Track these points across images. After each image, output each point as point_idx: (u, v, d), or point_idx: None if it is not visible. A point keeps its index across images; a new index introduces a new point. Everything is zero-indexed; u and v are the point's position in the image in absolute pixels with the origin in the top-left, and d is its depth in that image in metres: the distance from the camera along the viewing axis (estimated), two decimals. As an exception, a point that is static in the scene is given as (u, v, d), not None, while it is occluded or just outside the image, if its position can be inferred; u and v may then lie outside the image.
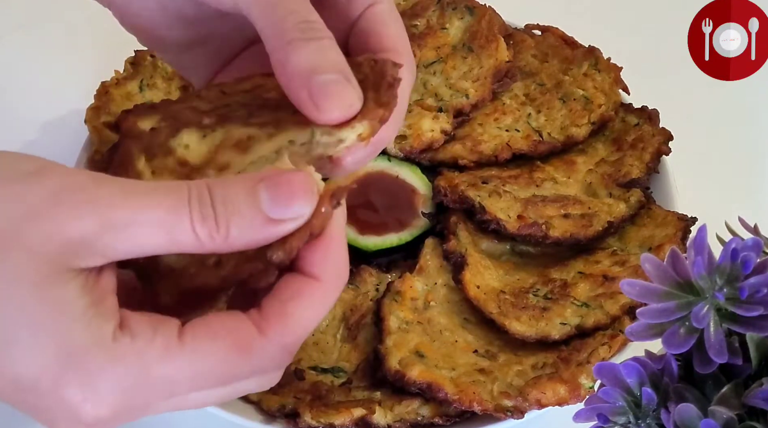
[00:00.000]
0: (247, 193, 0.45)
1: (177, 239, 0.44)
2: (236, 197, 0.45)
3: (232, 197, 0.45)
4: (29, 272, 0.43)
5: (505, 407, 0.70)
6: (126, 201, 0.44)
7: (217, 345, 0.46)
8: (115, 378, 0.44)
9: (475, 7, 0.96)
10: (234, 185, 0.45)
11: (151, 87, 0.91)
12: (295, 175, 0.46)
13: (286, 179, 0.46)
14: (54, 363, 0.44)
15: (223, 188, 0.45)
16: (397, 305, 0.77)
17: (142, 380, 0.45)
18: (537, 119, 0.91)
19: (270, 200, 0.45)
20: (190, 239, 0.44)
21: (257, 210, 0.45)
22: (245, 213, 0.45)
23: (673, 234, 0.81)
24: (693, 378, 0.45)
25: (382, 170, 0.88)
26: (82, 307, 0.44)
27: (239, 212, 0.45)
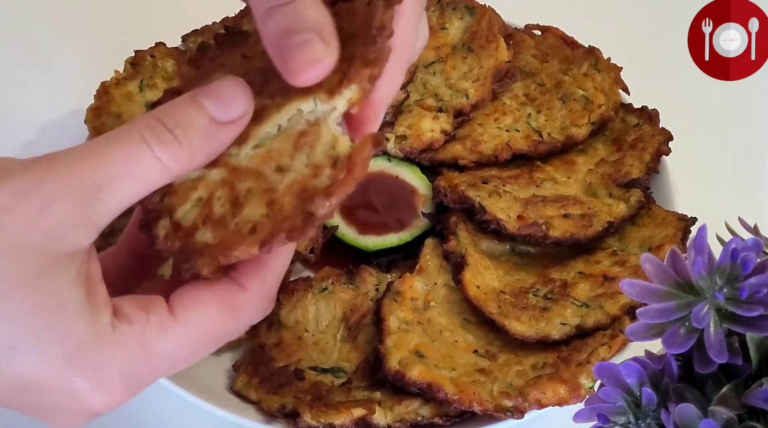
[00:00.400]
0: (192, 107, 0.47)
1: (147, 176, 0.46)
2: (185, 114, 0.47)
3: (180, 115, 0.47)
4: (20, 270, 0.43)
5: (505, 407, 0.70)
6: (86, 166, 0.45)
7: (206, 310, 0.49)
8: (120, 367, 0.46)
9: (475, 7, 0.96)
10: (178, 106, 0.48)
11: (151, 87, 0.91)
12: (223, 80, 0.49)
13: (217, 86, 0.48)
14: (60, 362, 0.44)
15: (171, 111, 0.47)
16: (397, 306, 0.77)
17: (146, 361, 0.47)
18: (537, 119, 0.91)
19: (214, 105, 0.48)
20: (158, 169, 0.46)
21: (208, 118, 0.47)
22: (199, 124, 0.47)
23: (673, 234, 0.81)
24: (693, 378, 0.45)
25: (382, 170, 0.88)
26: (78, 301, 0.45)
27: (193, 125, 0.47)
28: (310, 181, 0.47)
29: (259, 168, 0.49)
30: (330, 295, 0.80)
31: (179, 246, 0.49)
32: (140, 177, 0.46)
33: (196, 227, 0.49)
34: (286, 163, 0.48)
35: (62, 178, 0.45)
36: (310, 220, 0.47)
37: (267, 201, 0.48)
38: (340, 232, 0.85)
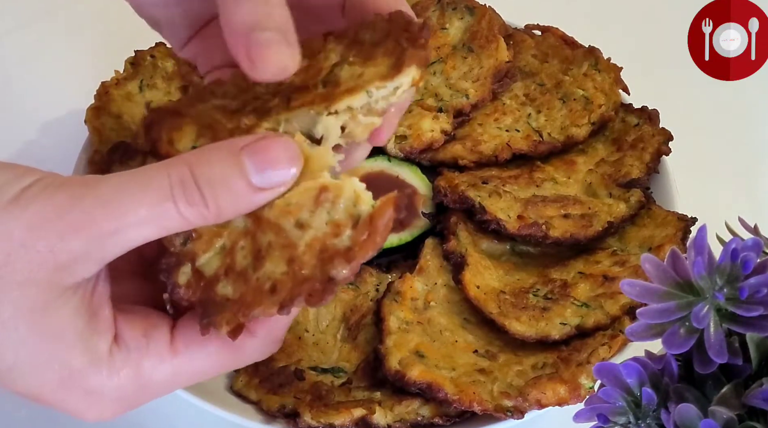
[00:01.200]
0: (231, 165, 0.45)
1: (166, 226, 0.45)
2: (221, 172, 0.45)
3: (217, 173, 0.45)
4: (25, 302, 0.45)
5: (505, 407, 0.70)
6: (107, 211, 0.44)
7: (208, 349, 0.49)
8: (114, 392, 0.47)
9: (475, 7, 0.96)
10: (216, 159, 0.45)
11: (151, 87, 0.91)
12: (274, 140, 0.46)
13: (266, 145, 0.46)
14: (54, 385, 0.47)
15: (207, 166, 0.45)
16: (397, 306, 0.77)
17: (139, 388, 0.48)
18: (537, 119, 0.91)
19: (254, 167, 0.45)
20: (178, 222, 0.45)
21: (244, 181, 0.45)
22: (233, 186, 0.45)
23: (673, 234, 0.81)
24: (693, 378, 0.45)
25: (382, 170, 0.88)
26: (78, 330, 0.46)
27: (227, 187, 0.45)
28: (330, 240, 0.47)
29: (278, 221, 0.48)
30: (330, 295, 0.80)
31: (200, 298, 0.49)
32: (161, 226, 0.45)
33: (218, 278, 0.49)
34: (306, 218, 0.47)
35: (83, 217, 0.44)
36: (330, 285, 0.47)
37: (287, 258, 0.47)
38: (340, 232, 0.85)
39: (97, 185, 0.45)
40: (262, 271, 0.48)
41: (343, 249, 0.47)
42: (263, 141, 0.46)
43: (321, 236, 0.47)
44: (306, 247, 0.47)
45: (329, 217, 0.47)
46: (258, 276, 0.48)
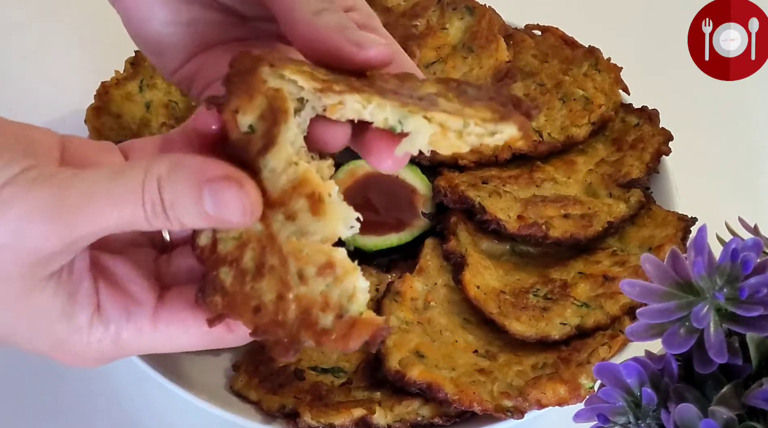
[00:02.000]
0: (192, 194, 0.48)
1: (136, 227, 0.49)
2: (182, 199, 0.48)
3: (179, 199, 0.48)
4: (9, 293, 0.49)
5: (505, 407, 0.70)
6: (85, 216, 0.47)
7: (187, 335, 0.53)
8: (95, 354, 0.52)
9: (475, 8, 0.96)
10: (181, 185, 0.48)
11: (151, 87, 0.91)
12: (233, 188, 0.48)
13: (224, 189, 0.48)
14: (46, 348, 0.53)
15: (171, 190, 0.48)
16: (397, 306, 0.77)
17: (119, 352, 0.53)
18: (537, 120, 0.90)
19: (211, 203, 0.48)
20: (146, 227, 0.49)
21: (202, 210, 0.48)
22: (192, 211, 0.48)
23: (673, 234, 0.81)
24: (693, 378, 0.45)
25: (382, 170, 0.88)
26: (59, 308, 0.50)
27: (187, 211, 0.48)
28: (316, 309, 0.48)
29: (286, 256, 0.49)
30: (330, 295, 0.80)
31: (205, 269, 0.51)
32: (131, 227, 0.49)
33: (225, 262, 0.50)
34: (307, 274, 0.48)
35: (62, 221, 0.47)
36: (295, 346, 0.48)
37: (279, 292, 0.49)
38: (340, 232, 0.84)
39: (76, 184, 0.48)
40: (257, 284, 0.49)
41: (319, 328, 0.48)
42: (225, 183, 0.48)
43: (311, 300, 0.48)
44: (296, 298, 0.49)
45: (326, 290, 0.48)
46: (252, 286, 0.49)
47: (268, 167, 0.49)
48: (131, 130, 0.89)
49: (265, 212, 0.49)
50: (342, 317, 0.48)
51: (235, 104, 0.49)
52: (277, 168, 0.49)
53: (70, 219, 0.47)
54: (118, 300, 0.52)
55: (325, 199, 0.48)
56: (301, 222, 0.48)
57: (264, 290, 0.49)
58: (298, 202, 0.48)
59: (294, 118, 0.49)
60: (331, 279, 0.48)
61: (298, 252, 0.48)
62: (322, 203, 0.48)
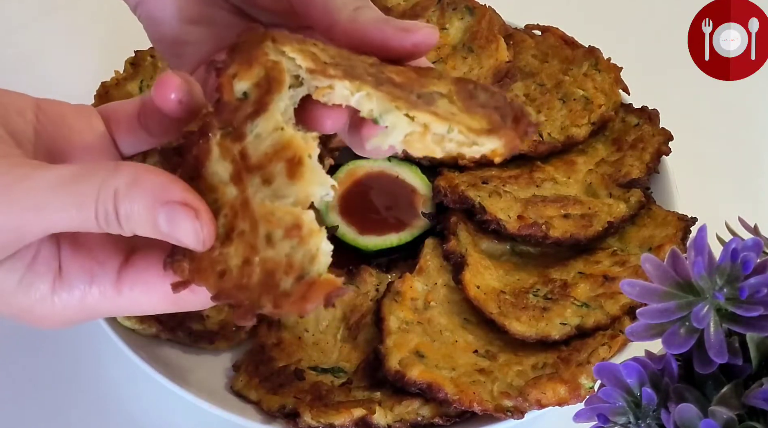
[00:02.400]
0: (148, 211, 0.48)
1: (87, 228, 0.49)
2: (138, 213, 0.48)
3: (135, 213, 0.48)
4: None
5: (505, 407, 0.70)
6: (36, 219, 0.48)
7: (151, 298, 0.53)
8: (60, 317, 0.53)
9: (475, 8, 0.96)
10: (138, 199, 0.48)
11: (151, 87, 0.91)
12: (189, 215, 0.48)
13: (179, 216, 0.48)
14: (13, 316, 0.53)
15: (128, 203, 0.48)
16: (397, 306, 0.77)
17: (85, 315, 0.53)
18: (537, 119, 0.90)
19: (166, 224, 0.48)
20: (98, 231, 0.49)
21: (156, 228, 0.49)
22: (146, 227, 0.49)
23: (673, 234, 0.81)
24: (693, 378, 0.45)
25: (382, 170, 0.88)
26: (17, 280, 0.51)
27: (141, 225, 0.49)
28: (280, 272, 0.48)
29: (258, 220, 0.49)
30: (330, 295, 0.80)
31: None
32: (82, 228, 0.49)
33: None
34: (275, 237, 0.48)
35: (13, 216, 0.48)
36: (252, 311, 0.48)
37: (245, 257, 0.49)
38: (340, 232, 0.85)
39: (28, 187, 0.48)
40: (225, 249, 0.49)
41: (279, 291, 0.48)
42: (181, 210, 0.48)
43: (276, 262, 0.48)
44: (262, 261, 0.49)
45: (290, 252, 0.48)
46: (220, 252, 0.49)
47: (255, 131, 0.49)
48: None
49: (242, 176, 0.49)
50: (302, 279, 0.48)
51: (234, 69, 0.50)
52: (263, 133, 0.49)
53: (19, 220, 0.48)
54: (82, 263, 0.52)
55: (305, 161, 0.48)
56: (276, 185, 0.49)
57: (231, 255, 0.49)
58: (277, 166, 0.49)
59: (288, 90, 0.50)
60: (297, 241, 0.48)
61: (270, 215, 0.48)
62: (301, 165, 0.48)
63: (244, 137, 0.49)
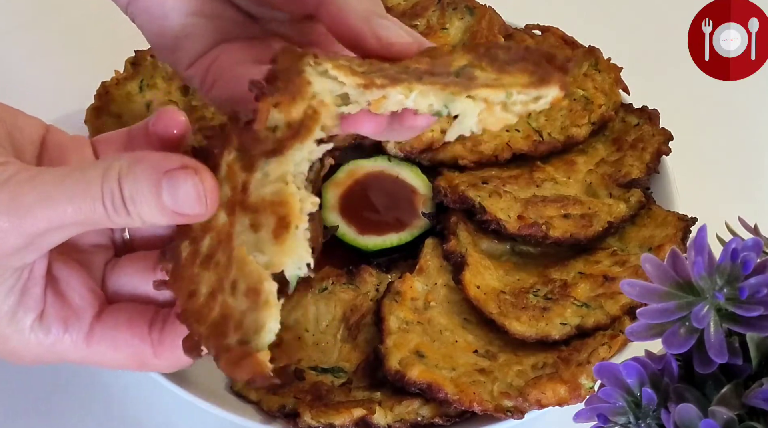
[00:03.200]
0: (151, 185, 0.49)
1: (97, 224, 0.50)
2: (142, 191, 0.49)
3: (139, 191, 0.49)
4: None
5: (505, 407, 0.70)
6: (44, 211, 0.49)
7: (117, 355, 0.55)
8: (33, 357, 0.55)
9: (475, 8, 0.96)
10: (142, 176, 0.49)
11: (151, 87, 0.91)
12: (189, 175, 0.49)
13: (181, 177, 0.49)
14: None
15: (132, 182, 0.49)
16: (397, 306, 0.77)
17: (54, 359, 0.55)
18: (537, 119, 0.91)
19: (169, 193, 0.49)
20: (107, 223, 0.50)
21: (160, 202, 0.49)
22: (151, 203, 0.49)
23: (673, 234, 0.81)
24: (693, 378, 0.45)
25: (382, 170, 0.88)
26: (9, 305, 0.52)
27: (146, 204, 0.49)
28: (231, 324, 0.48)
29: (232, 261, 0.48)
30: (330, 295, 0.80)
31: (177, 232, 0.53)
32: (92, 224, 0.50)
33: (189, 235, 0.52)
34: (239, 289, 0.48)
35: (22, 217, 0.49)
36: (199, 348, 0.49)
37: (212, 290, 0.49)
38: (340, 232, 0.85)
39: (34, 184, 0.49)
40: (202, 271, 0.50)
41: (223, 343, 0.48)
42: (182, 172, 0.49)
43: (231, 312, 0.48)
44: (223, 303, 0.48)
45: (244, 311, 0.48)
46: (198, 271, 0.50)
47: (264, 169, 0.48)
48: (131, 130, 0.89)
49: (236, 209, 0.49)
50: (244, 345, 0.48)
51: (277, 99, 0.49)
52: (271, 175, 0.48)
53: (27, 216, 0.48)
54: (60, 311, 0.54)
55: (291, 230, 0.47)
56: (260, 237, 0.48)
57: (204, 281, 0.49)
58: (269, 218, 0.48)
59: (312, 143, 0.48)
60: (253, 305, 0.48)
61: (242, 263, 0.48)
62: (287, 231, 0.47)
63: (253, 170, 0.49)
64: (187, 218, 0.49)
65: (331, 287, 0.81)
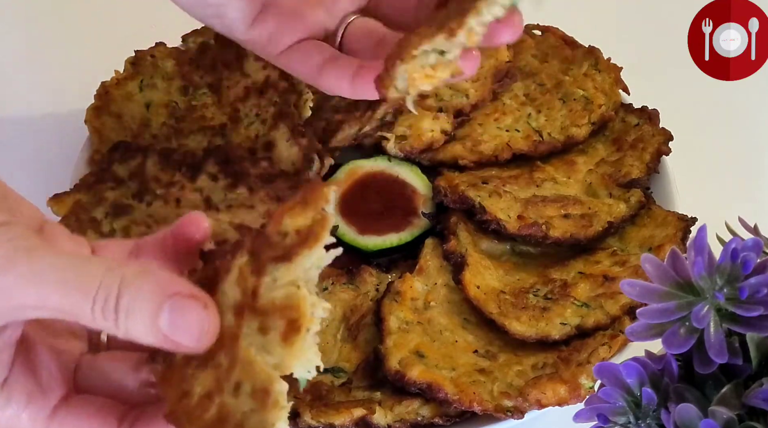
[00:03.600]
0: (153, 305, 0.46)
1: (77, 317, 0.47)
2: (141, 307, 0.46)
3: (137, 306, 0.46)
4: None
5: (505, 407, 0.70)
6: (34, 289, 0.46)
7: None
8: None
9: (476, 7, 0.96)
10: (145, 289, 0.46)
11: (151, 87, 0.91)
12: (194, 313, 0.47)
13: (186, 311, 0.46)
14: None
15: (134, 292, 0.46)
16: (397, 306, 0.77)
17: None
18: (537, 119, 0.91)
19: (168, 319, 0.46)
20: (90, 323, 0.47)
21: (155, 325, 0.46)
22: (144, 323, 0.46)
23: (673, 234, 0.81)
24: (693, 378, 0.45)
25: (382, 170, 0.88)
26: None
27: (140, 321, 0.46)
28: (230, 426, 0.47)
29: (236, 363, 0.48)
30: (330, 295, 0.80)
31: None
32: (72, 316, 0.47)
33: None
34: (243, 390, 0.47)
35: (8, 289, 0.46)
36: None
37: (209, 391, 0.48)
38: (340, 232, 0.84)
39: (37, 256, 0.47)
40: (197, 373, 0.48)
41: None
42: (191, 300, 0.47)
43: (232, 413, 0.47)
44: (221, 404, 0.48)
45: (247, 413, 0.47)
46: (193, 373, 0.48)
47: (274, 275, 0.48)
48: (131, 130, 0.89)
49: (244, 313, 0.48)
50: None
51: (291, 205, 0.49)
52: (280, 281, 0.48)
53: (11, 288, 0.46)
54: (25, 384, 0.50)
55: (302, 332, 0.46)
56: (268, 339, 0.47)
57: (199, 382, 0.48)
58: (278, 322, 0.47)
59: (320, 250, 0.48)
60: (259, 405, 0.47)
61: (249, 365, 0.47)
62: (297, 334, 0.46)
63: (263, 275, 0.48)
64: (176, 346, 0.47)
65: (331, 288, 0.81)
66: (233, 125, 0.89)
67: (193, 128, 0.89)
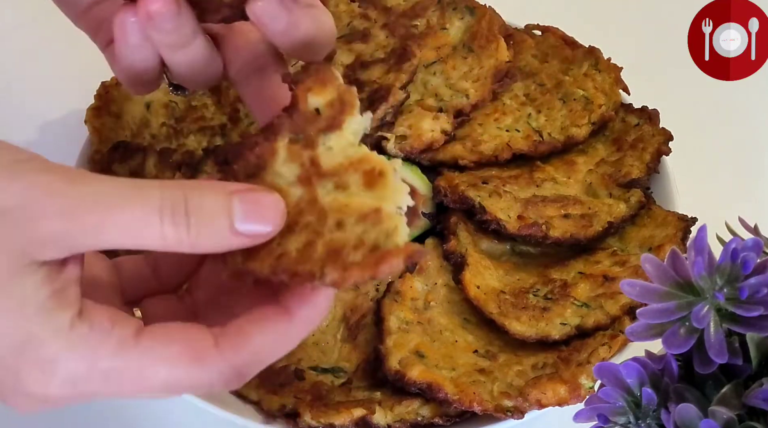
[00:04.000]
0: (222, 203, 0.46)
1: (143, 241, 0.46)
2: (211, 207, 0.46)
3: (208, 206, 0.46)
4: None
5: (505, 407, 0.70)
6: (95, 207, 0.45)
7: (170, 350, 0.47)
8: (66, 366, 0.46)
9: (476, 7, 0.96)
10: (210, 193, 0.47)
11: (151, 87, 0.91)
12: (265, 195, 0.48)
13: (258, 198, 0.47)
14: (11, 350, 0.46)
15: (199, 197, 0.46)
16: (398, 306, 0.77)
17: (91, 370, 0.47)
18: (537, 119, 0.91)
19: (242, 214, 0.46)
20: (156, 241, 0.46)
21: (229, 222, 0.46)
22: (217, 223, 0.46)
23: (673, 234, 0.81)
24: (693, 378, 0.45)
25: (382, 170, 0.88)
26: (42, 299, 0.45)
27: (212, 222, 0.46)
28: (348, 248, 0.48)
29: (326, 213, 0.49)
30: (330, 295, 0.80)
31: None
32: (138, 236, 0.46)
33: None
34: (348, 224, 0.48)
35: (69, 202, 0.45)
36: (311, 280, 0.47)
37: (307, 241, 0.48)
38: (340, 232, 0.84)
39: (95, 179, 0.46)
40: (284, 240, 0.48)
41: (347, 261, 0.47)
42: (255, 193, 0.47)
43: (344, 240, 0.48)
44: (327, 241, 0.48)
45: (361, 233, 0.48)
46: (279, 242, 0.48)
47: (327, 144, 0.50)
48: (131, 130, 0.89)
49: (312, 180, 0.50)
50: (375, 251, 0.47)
51: (310, 84, 0.51)
52: (336, 148, 0.50)
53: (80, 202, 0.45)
54: (105, 314, 0.48)
55: (389, 173, 0.49)
56: (350, 193, 0.49)
57: (291, 243, 0.48)
58: (353, 176, 0.50)
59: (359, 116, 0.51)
60: (371, 223, 0.48)
61: (344, 207, 0.49)
62: (383, 177, 0.49)
63: (315, 146, 0.50)
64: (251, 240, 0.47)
65: (331, 287, 0.81)
66: (233, 125, 0.89)
67: (193, 128, 0.89)
